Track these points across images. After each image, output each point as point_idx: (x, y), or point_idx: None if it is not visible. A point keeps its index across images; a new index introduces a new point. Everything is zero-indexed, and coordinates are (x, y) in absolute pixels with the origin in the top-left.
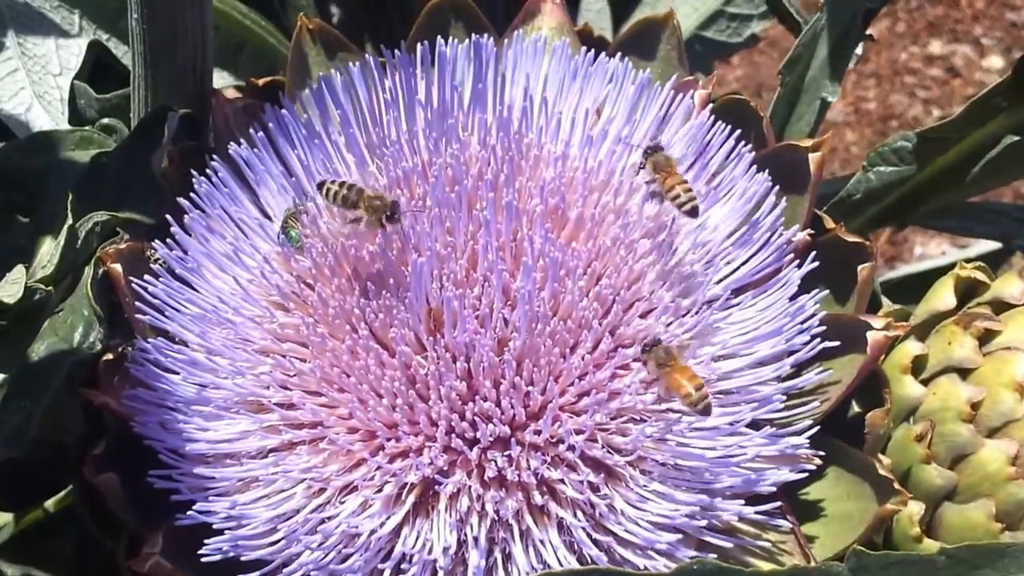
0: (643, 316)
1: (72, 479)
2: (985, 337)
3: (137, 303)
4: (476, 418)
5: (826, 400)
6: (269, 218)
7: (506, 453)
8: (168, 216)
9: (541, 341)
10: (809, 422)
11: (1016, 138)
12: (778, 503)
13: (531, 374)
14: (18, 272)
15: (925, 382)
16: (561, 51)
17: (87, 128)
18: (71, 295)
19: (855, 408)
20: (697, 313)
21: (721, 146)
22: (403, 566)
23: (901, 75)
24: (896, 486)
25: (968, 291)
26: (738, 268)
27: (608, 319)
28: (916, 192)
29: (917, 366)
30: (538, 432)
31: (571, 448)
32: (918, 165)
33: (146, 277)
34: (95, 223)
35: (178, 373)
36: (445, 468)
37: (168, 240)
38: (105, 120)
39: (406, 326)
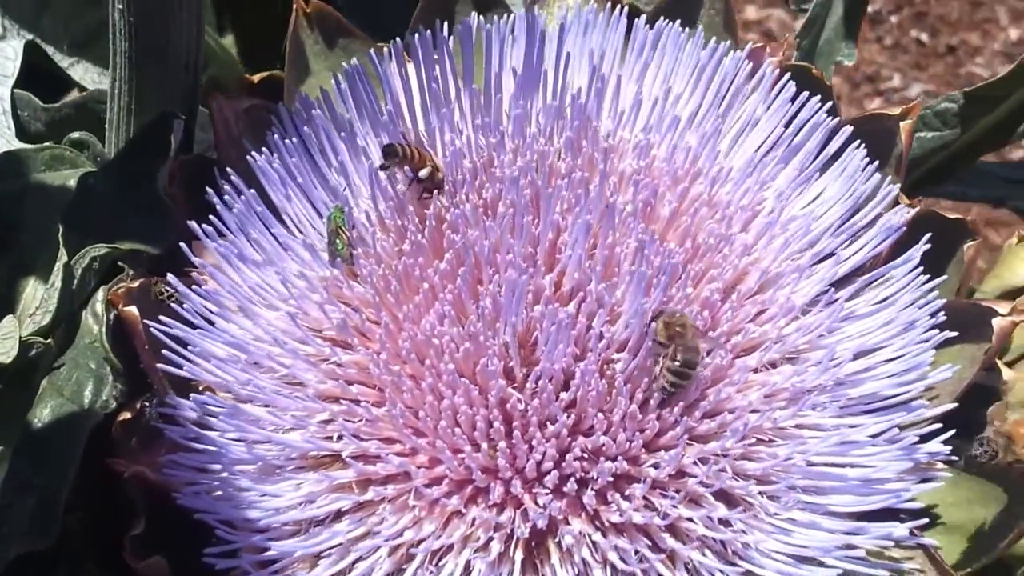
0: (754, 320)
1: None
2: None
3: (165, 352)
4: (586, 455)
5: (938, 398)
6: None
7: (627, 493)
8: (183, 245)
9: (651, 360)
10: (938, 425)
11: None
12: (924, 519)
13: (648, 398)
14: (9, 324)
15: (1010, 364)
16: (616, 23)
17: (56, 144)
18: (70, 347)
19: None
20: (816, 313)
21: (808, 121)
22: None
23: None
24: None
25: None
26: (849, 257)
27: (722, 328)
28: (955, 156)
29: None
30: (656, 466)
31: (704, 483)
32: (962, 127)
33: (162, 318)
34: (92, 258)
35: (216, 430)
36: (559, 516)
37: (190, 273)
38: (75, 134)
39: (498, 356)
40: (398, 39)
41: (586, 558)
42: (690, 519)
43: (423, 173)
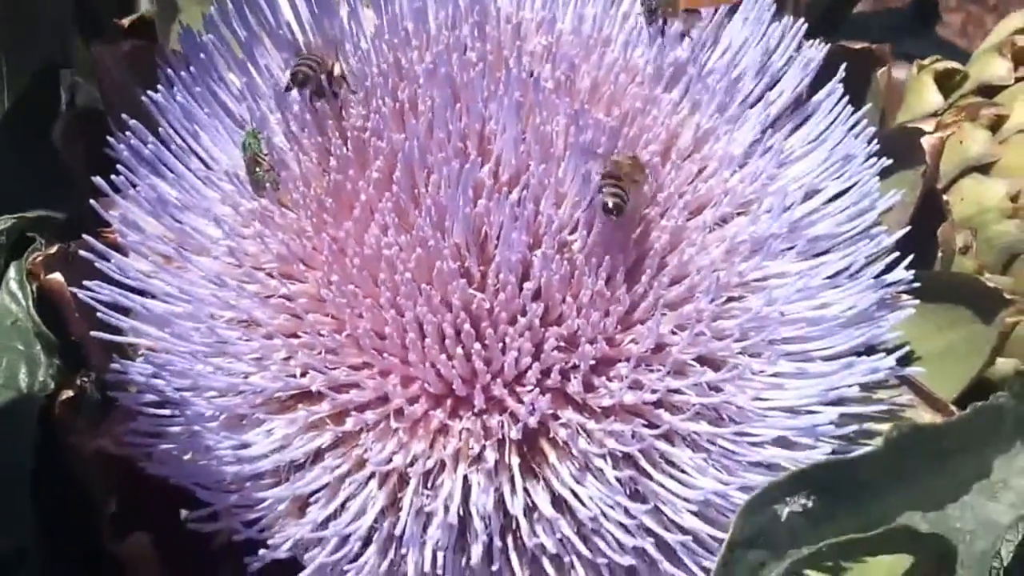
0: (698, 178)
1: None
2: (995, 125)
3: (100, 316)
4: (563, 343)
5: (887, 229)
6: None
7: (612, 375)
8: (95, 203)
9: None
10: (897, 254)
11: None
12: (904, 349)
13: (613, 275)
14: None
15: (943, 190)
16: None
17: None
18: None
19: None
20: (756, 160)
21: None
22: None
23: None
24: (1007, 295)
25: (940, 85)
26: (776, 99)
27: (669, 189)
28: (831, 7)
29: None
30: (636, 341)
31: (685, 351)
32: None
33: (88, 283)
34: None
35: (169, 387)
36: (548, 411)
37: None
38: None
39: (452, 257)
40: None
41: (584, 448)
42: (678, 390)
43: (336, 70)
